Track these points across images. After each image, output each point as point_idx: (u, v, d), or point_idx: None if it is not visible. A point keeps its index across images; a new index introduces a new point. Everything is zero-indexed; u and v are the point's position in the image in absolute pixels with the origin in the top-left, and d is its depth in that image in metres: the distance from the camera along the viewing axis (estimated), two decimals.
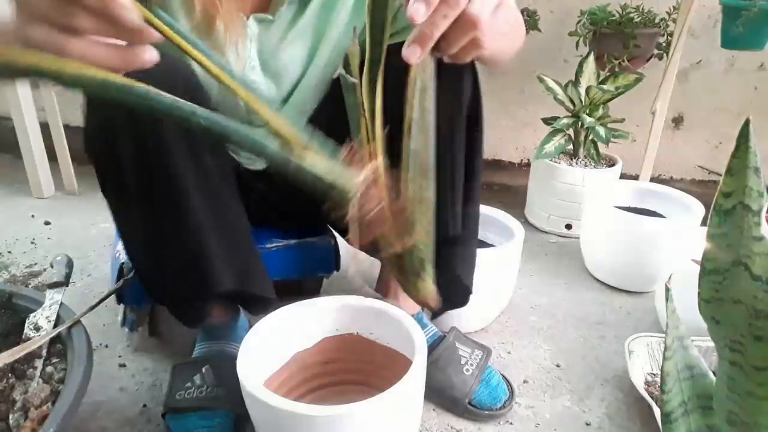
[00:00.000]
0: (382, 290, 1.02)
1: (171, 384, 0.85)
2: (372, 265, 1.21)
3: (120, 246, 1.01)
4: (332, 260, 1.08)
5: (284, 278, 1.00)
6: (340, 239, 1.11)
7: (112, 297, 0.91)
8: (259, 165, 0.93)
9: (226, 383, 0.82)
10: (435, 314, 0.98)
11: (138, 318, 1.00)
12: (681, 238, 1.09)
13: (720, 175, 0.41)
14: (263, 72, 0.84)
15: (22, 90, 1.61)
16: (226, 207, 0.77)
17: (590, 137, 1.53)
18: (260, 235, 1.03)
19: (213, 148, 0.73)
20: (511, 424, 0.87)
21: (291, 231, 1.03)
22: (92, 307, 0.83)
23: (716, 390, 0.39)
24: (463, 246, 0.90)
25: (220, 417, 0.79)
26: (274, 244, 1.00)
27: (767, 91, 1.81)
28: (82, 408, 0.86)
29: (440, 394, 0.88)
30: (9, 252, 1.41)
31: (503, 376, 0.94)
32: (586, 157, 1.58)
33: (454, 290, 0.92)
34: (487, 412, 0.87)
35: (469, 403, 0.87)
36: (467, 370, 0.89)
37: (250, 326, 1.01)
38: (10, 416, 0.67)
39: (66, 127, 1.75)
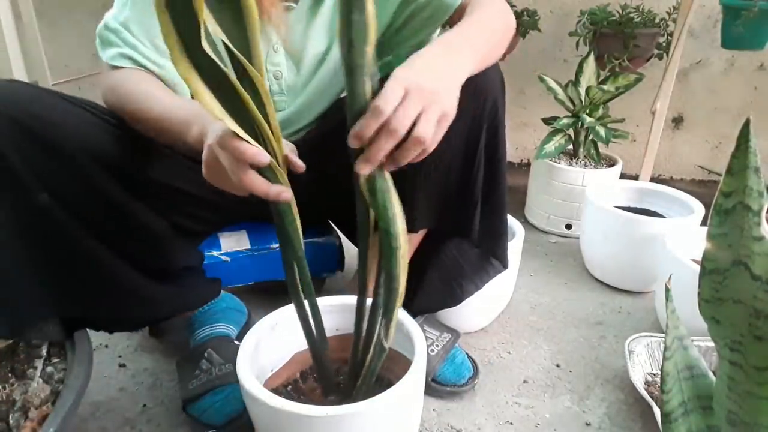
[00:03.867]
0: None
1: (180, 378, 0.87)
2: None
3: None
4: (336, 260, 1.08)
5: None
6: (344, 239, 1.11)
7: None
8: None
9: (231, 359, 0.84)
10: (429, 311, 0.98)
11: None
12: (681, 238, 1.09)
13: (720, 175, 0.41)
14: (286, 54, 0.86)
15: None
16: None
17: (590, 137, 1.53)
18: (267, 235, 1.03)
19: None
20: (511, 424, 0.87)
21: None
22: None
23: (716, 390, 0.39)
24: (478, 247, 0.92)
25: (230, 389, 0.82)
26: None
27: (767, 91, 1.81)
28: (82, 408, 0.86)
29: None
30: None
31: (469, 356, 0.97)
32: (586, 157, 1.58)
33: (449, 291, 0.94)
34: (449, 388, 0.91)
35: (433, 380, 0.91)
36: (432, 350, 0.92)
37: (250, 317, 1.03)
38: (10, 416, 0.67)
39: None
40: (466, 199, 0.86)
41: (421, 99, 0.54)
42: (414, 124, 0.54)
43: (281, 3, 0.80)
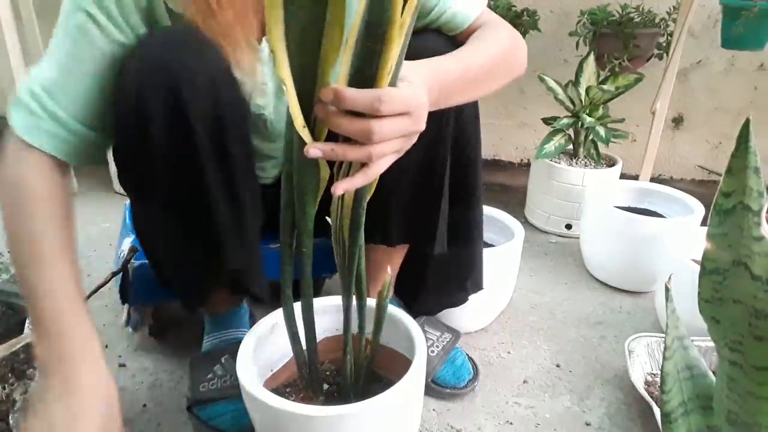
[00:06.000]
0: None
1: (192, 377, 0.85)
2: None
3: (125, 245, 1.01)
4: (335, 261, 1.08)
5: None
6: None
7: (115, 297, 0.91)
8: (268, 175, 0.91)
9: None
10: (432, 312, 0.98)
11: (141, 318, 1.00)
12: (681, 238, 1.09)
13: (720, 175, 0.41)
14: (277, 92, 0.79)
15: None
16: (244, 203, 0.76)
17: (590, 137, 1.53)
18: (265, 235, 1.03)
19: (240, 140, 0.72)
20: (511, 424, 0.87)
21: None
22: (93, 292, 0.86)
23: (716, 390, 0.39)
24: (464, 247, 0.91)
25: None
26: (278, 245, 1.00)
27: (767, 91, 1.81)
28: None
29: None
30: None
31: (469, 357, 0.97)
32: (586, 157, 1.58)
33: (448, 290, 0.94)
34: (449, 390, 0.91)
35: (433, 382, 0.91)
36: (432, 351, 0.92)
37: (252, 316, 1.03)
38: (10, 416, 0.67)
39: None
40: (434, 208, 0.83)
41: (412, 123, 0.51)
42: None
43: (255, 44, 0.73)
